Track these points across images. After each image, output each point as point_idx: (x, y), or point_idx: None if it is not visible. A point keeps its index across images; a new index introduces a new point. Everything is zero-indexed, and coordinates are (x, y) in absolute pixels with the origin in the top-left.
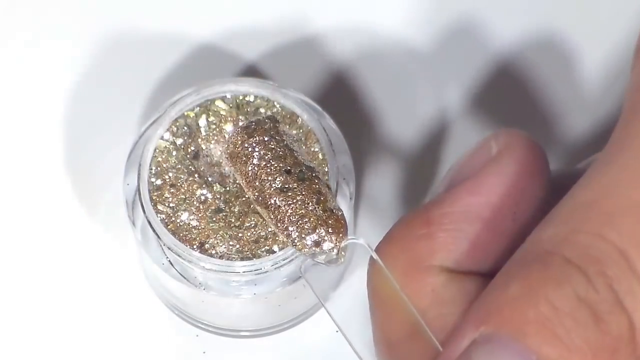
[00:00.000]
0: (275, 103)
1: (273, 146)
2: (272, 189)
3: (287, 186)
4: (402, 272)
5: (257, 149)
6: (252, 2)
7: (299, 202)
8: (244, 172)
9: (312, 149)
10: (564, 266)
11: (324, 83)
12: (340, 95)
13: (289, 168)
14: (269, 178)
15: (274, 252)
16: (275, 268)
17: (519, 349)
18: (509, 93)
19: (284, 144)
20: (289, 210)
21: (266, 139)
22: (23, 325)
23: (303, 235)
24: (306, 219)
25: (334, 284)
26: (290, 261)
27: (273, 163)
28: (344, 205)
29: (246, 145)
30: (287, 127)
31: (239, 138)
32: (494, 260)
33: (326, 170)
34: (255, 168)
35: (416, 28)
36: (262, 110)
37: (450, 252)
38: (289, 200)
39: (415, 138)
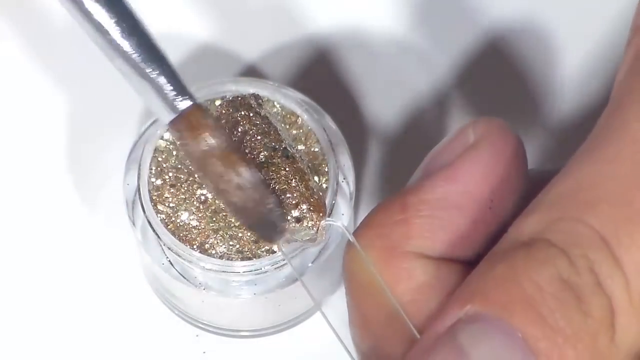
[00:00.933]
0: (275, 103)
1: (258, 122)
2: (255, 162)
3: (270, 161)
4: (379, 257)
5: (241, 123)
6: (252, 2)
7: (283, 177)
8: None
9: (312, 149)
10: (547, 249)
11: (324, 83)
12: (340, 95)
13: (273, 144)
14: (253, 152)
15: (274, 252)
16: (275, 268)
17: (505, 327)
18: (502, 80)
19: (268, 120)
20: (272, 184)
21: (251, 114)
22: (23, 325)
23: (285, 210)
24: (289, 194)
25: (332, 288)
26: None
27: (258, 137)
28: (344, 205)
29: (230, 118)
30: (282, 126)
31: (223, 110)
32: (471, 248)
33: (326, 170)
34: (239, 140)
35: (418, 28)
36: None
37: (426, 239)
38: (272, 175)
39: (416, 137)
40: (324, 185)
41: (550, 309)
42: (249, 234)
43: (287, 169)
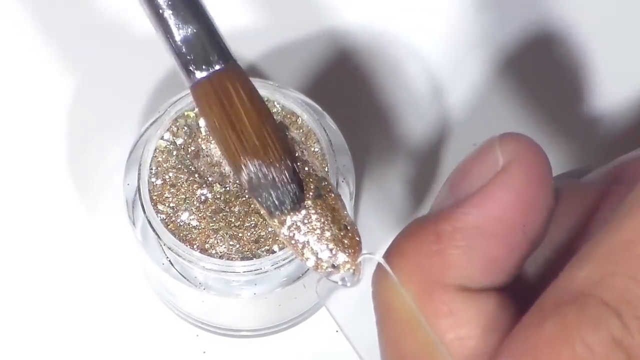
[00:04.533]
0: (275, 103)
1: None
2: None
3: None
4: (419, 291)
5: None
6: (252, 2)
7: (314, 222)
8: None
9: (312, 149)
10: (600, 308)
11: (324, 83)
12: (341, 95)
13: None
14: None
15: (274, 252)
16: (275, 268)
17: None
18: (510, 91)
19: (295, 156)
20: (303, 230)
21: None
22: (23, 325)
23: (320, 257)
24: (323, 241)
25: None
26: (290, 261)
27: None
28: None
29: None
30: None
31: None
32: (506, 274)
33: (326, 170)
34: None
35: (416, 27)
36: None
37: (463, 270)
38: (304, 221)
39: (416, 137)
40: None
41: None
42: (249, 233)
43: (319, 212)
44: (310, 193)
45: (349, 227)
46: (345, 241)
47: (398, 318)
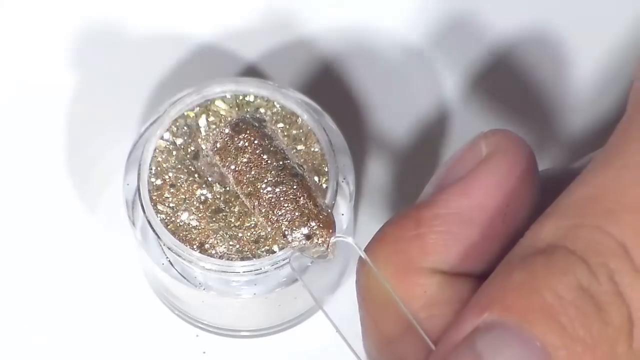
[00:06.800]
0: (275, 103)
1: (265, 143)
2: (264, 182)
3: (278, 179)
4: (394, 274)
5: (247, 145)
6: (252, 2)
7: (291, 195)
8: (234, 166)
9: (312, 149)
10: (567, 257)
11: (324, 83)
12: (340, 95)
13: (281, 163)
14: (261, 171)
15: (274, 252)
16: (275, 268)
17: (524, 335)
18: (506, 89)
19: (272, 140)
20: (281, 202)
21: (255, 139)
22: (23, 325)
23: (294, 228)
24: (298, 212)
25: (332, 287)
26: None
27: (264, 157)
28: (344, 205)
29: (236, 139)
30: (282, 126)
31: (228, 134)
32: (484, 261)
33: (326, 170)
34: (247, 162)
35: (415, 26)
36: (262, 110)
37: (441, 254)
38: (281, 194)
39: (415, 137)
40: (324, 185)
41: (570, 317)
42: (249, 233)
43: (295, 187)
44: (288, 171)
45: (323, 207)
46: (321, 217)
47: (376, 299)
